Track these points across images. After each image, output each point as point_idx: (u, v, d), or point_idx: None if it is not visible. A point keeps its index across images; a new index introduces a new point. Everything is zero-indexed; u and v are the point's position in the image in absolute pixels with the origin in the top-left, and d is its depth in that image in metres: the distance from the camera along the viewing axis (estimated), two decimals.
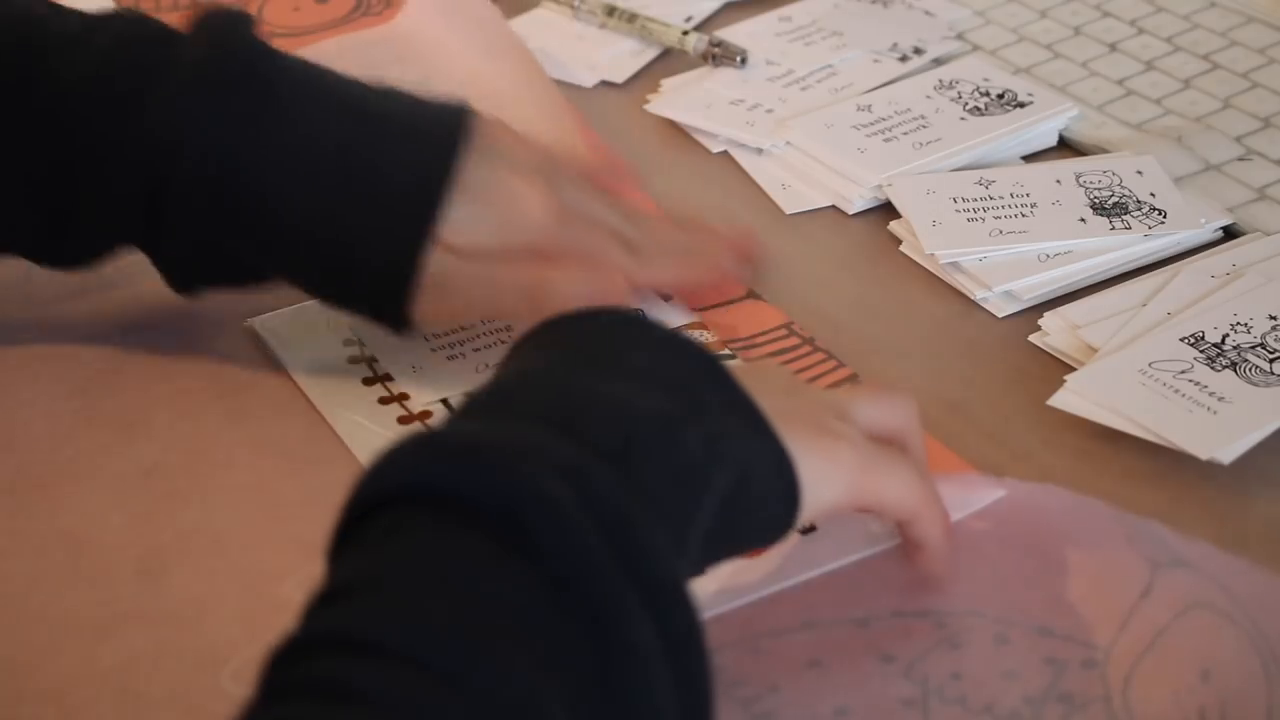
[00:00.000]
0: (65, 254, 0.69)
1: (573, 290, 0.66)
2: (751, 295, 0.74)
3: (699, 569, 0.51)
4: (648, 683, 0.44)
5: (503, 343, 0.71)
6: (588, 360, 0.52)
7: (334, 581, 0.45)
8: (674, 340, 0.53)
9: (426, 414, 0.68)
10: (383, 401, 0.69)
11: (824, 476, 0.53)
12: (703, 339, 0.71)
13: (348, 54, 0.85)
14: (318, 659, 0.42)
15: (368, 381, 0.70)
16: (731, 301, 0.73)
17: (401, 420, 0.67)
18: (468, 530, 0.44)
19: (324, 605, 0.44)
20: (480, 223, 0.65)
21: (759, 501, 0.52)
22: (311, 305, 0.73)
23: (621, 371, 0.51)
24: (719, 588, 0.57)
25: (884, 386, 0.63)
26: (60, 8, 0.69)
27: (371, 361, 0.70)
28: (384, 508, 0.46)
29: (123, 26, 0.67)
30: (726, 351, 0.71)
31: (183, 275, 0.68)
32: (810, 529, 0.61)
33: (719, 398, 0.52)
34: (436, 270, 0.65)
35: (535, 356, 0.53)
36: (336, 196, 0.65)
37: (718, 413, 0.51)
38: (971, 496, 0.61)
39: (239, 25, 0.67)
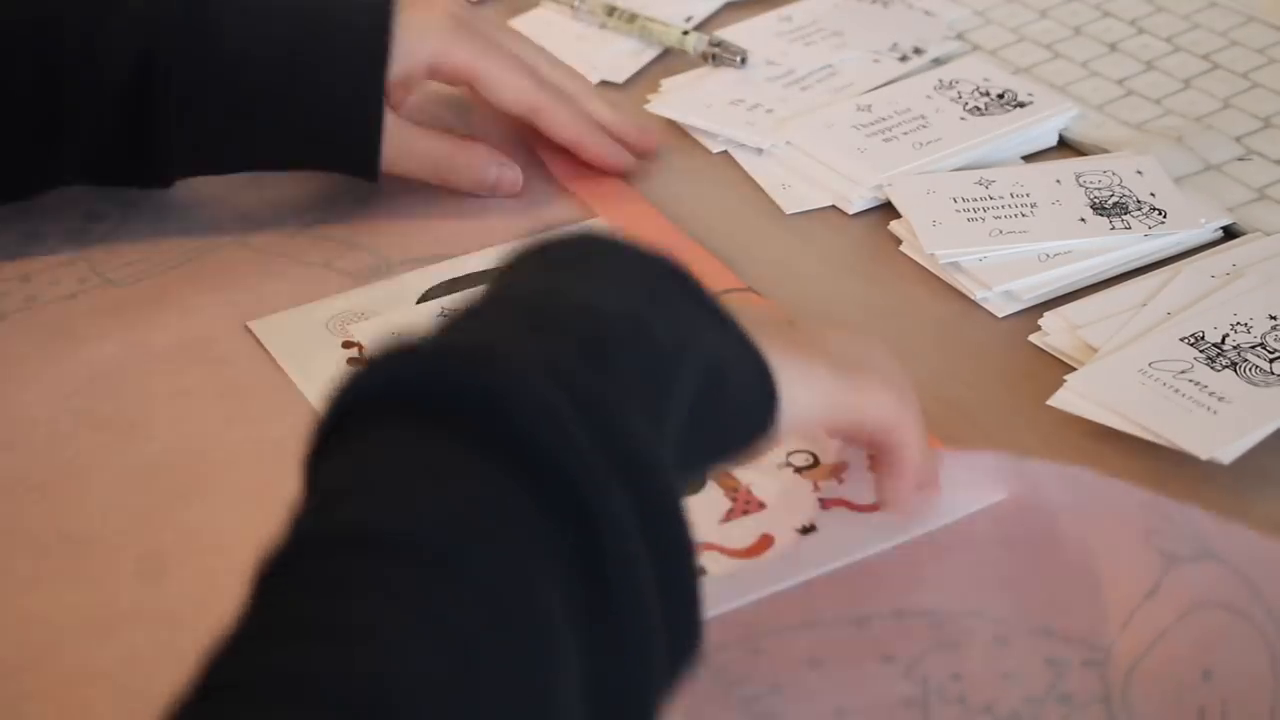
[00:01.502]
0: (55, 163, 0.75)
1: (476, 171, 0.80)
2: (750, 292, 0.74)
3: (687, 465, 0.50)
4: (628, 559, 0.43)
5: None
6: (559, 265, 0.52)
7: (319, 490, 0.45)
8: (646, 250, 0.53)
9: None
10: None
11: (803, 388, 0.54)
12: None
13: None
14: (313, 561, 0.42)
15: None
16: (728, 291, 0.73)
17: None
18: (448, 430, 0.44)
19: (311, 512, 0.44)
20: (405, 49, 0.76)
21: (735, 399, 0.52)
22: (310, 307, 0.73)
23: (593, 275, 0.51)
24: (720, 587, 0.57)
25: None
26: None
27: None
28: (363, 413, 0.46)
29: None
30: None
31: (166, 159, 0.76)
32: (810, 528, 0.61)
33: (691, 300, 0.52)
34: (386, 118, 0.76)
35: (508, 273, 0.53)
36: (300, 45, 0.75)
37: (690, 312, 0.51)
38: (975, 496, 0.61)
39: None
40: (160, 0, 0.74)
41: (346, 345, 0.71)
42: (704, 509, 0.62)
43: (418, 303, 0.75)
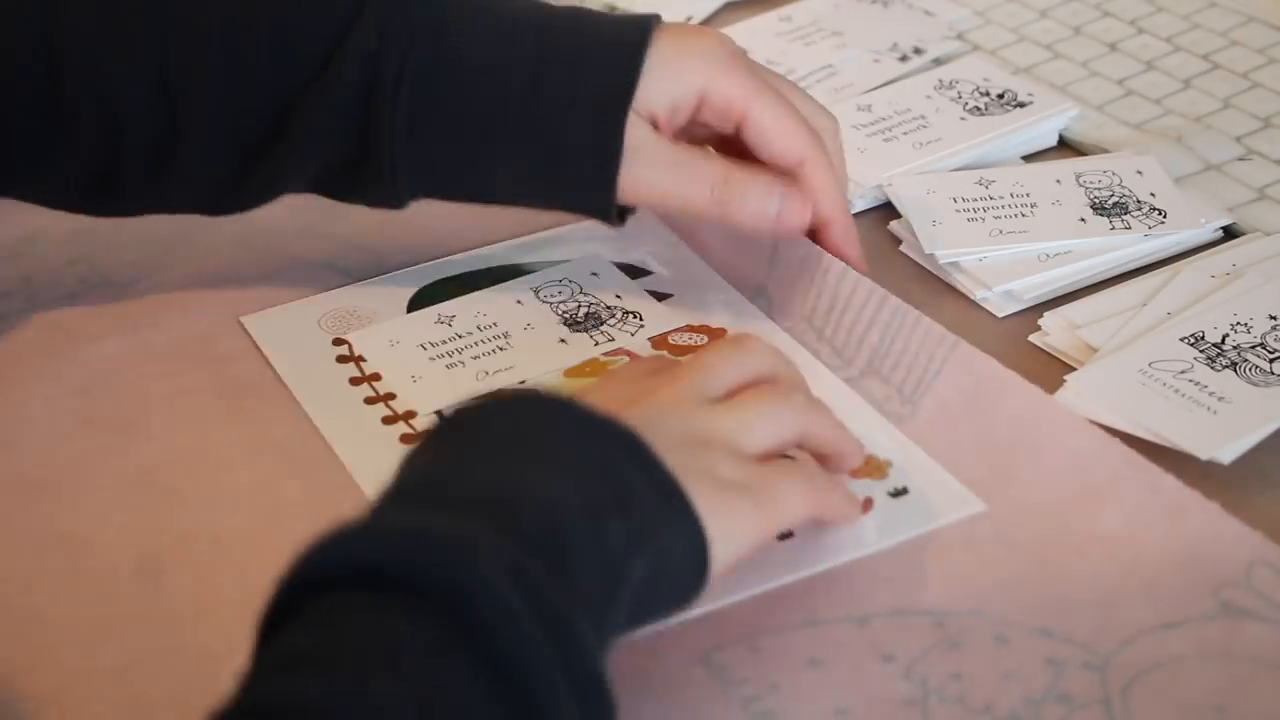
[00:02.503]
0: (266, 186, 0.70)
1: (759, 201, 0.68)
2: (755, 297, 0.74)
3: (617, 638, 0.52)
4: None
5: (501, 350, 0.71)
6: (515, 446, 0.52)
7: (279, 652, 0.45)
8: (595, 422, 0.53)
9: (411, 414, 0.68)
10: (369, 402, 0.69)
11: (729, 535, 0.54)
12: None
13: None
14: None
15: (355, 381, 0.70)
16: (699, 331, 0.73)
17: (386, 421, 0.67)
18: (415, 615, 0.45)
19: (270, 675, 0.44)
20: (666, 77, 0.67)
21: (672, 580, 0.53)
22: (303, 303, 0.73)
23: (548, 460, 0.52)
24: (717, 586, 0.57)
25: (772, 398, 0.59)
26: None
27: (360, 361, 0.71)
28: (325, 588, 0.46)
29: None
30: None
31: (393, 186, 0.70)
32: (787, 535, 0.60)
33: (641, 478, 0.53)
34: (633, 139, 0.67)
35: (463, 441, 0.54)
36: (538, 74, 0.67)
37: (640, 494, 0.52)
38: (952, 508, 0.61)
39: None
40: (396, 19, 0.67)
41: (336, 343, 0.71)
42: None
43: (410, 301, 0.75)
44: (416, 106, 0.67)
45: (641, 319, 0.72)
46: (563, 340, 0.72)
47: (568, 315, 0.73)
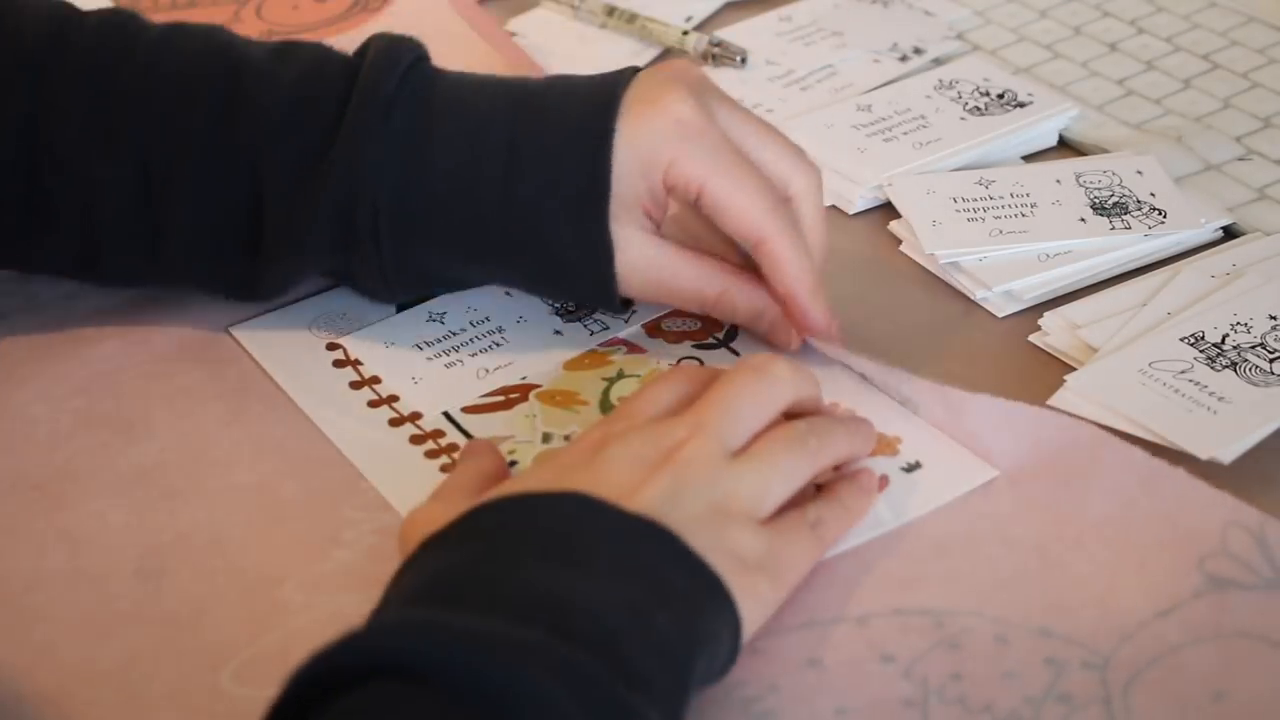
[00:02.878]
0: (250, 284, 0.70)
1: (748, 303, 0.68)
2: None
3: None
4: None
5: (497, 345, 0.71)
6: (555, 556, 0.52)
7: None
8: (629, 527, 0.54)
9: (418, 415, 0.68)
10: (373, 405, 0.68)
11: (752, 615, 0.55)
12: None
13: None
14: None
15: (355, 385, 0.70)
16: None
17: (393, 423, 0.67)
18: (457, 718, 0.45)
19: None
20: (629, 170, 0.65)
21: (713, 658, 0.54)
22: (291, 309, 0.73)
23: (589, 567, 0.52)
24: None
25: (788, 451, 0.59)
26: (247, 40, 0.70)
27: (357, 365, 0.70)
28: (357, 680, 0.46)
29: (304, 57, 0.68)
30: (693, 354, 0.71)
31: (381, 290, 0.70)
32: None
33: (680, 573, 0.53)
34: (619, 240, 0.66)
35: (501, 539, 0.53)
36: (513, 186, 0.66)
37: (680, 587, 0.53)
38: (965, 478, 0.62)
39: (409, 51, 0.68)
40: (356, 160, 0.66)
41: (330, 348, 0.71)
42: None
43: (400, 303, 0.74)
44: (398, 225, 0.66)
45: (634, 304, 0.72)
46: (557, 331, 0.72)
47: (558, 305, 0.73)
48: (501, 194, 0.66)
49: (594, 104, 0.66)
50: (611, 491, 0.54)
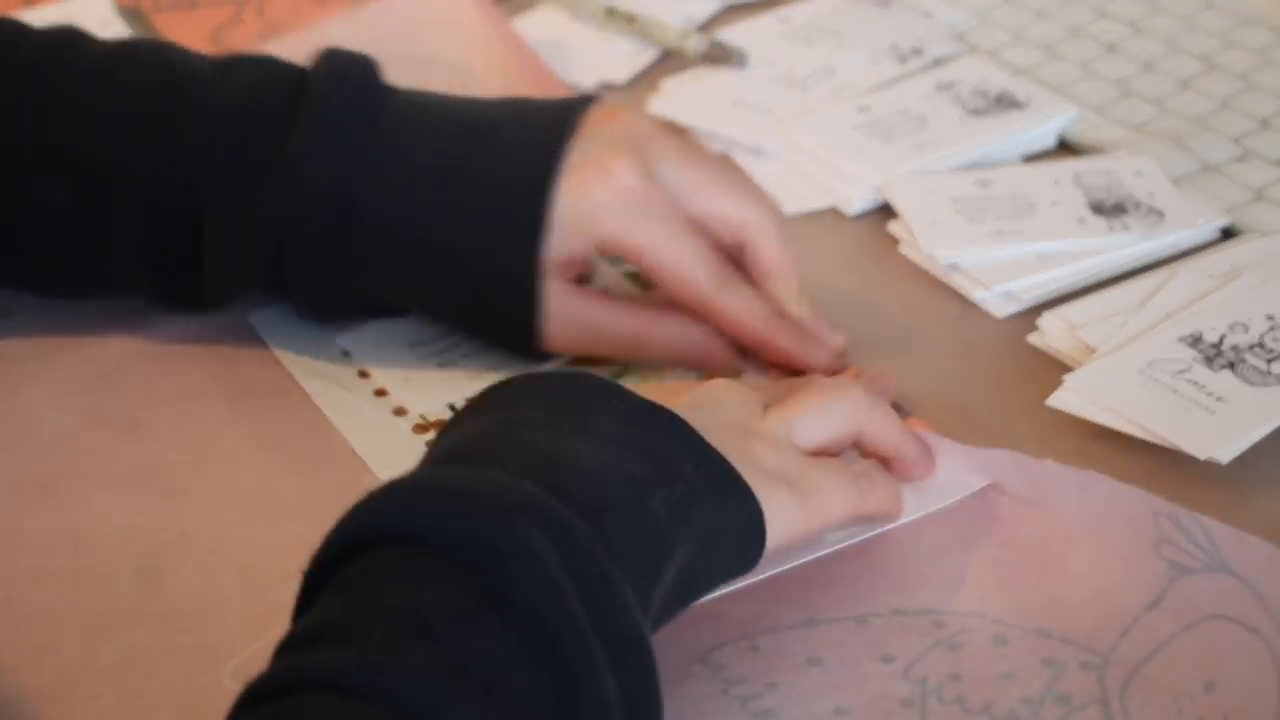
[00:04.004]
0: (193, 297, 0.70)
1: (668, 347, 0.68)
2: None
3: (662, 620, 0.53)
4: None
5: (489, 347, 0.71)
6: (564, 420, 0.53)
7: (314, 622, 0.46)
8: (643, 406, 0.54)
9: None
10: (379, 394, 0.69)
11: (773, 520, 0.55)
12: None
13: (349, 34, 0.84)
14: (300, 699, 0.42)
15: (364, 375, 0.70)
16: None
17: (397, 413, 0.68)
18: (450, 577, 0.46)
19: (305, 647, 0.45)
20: (566, 229, 0.65)
21: (726, 551, 0.54)
22: None
23: (596, 436, 0.52)
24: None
25: (825, 394, 0.60)
26: (195, 54, 0.70)
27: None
28: (363, 549, 0.47)
29: (250, 72, 0.68)
30: None
31: (313, 310, 0.70)
32: None
33: (685, 456, 0.53)
34: (551, 294, 0.66)
35: (514, 408, 0.54)
36: (451, 222, 0.66)
37: (684, 470, 0.53)
38: (964, 481, 0.62)
39: (359, 69, 0.68)
40: (298, 179, 0.66)
41: (344, 352, 0.72)
42: None
43: None
44: (335, 246, 0.66)
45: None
46: None
47: None
48: (440, 225, 0.66)
49: (541, 148, 0.66)
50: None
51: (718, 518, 0.53)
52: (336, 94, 0.67)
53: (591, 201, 0.65)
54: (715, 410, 0.57)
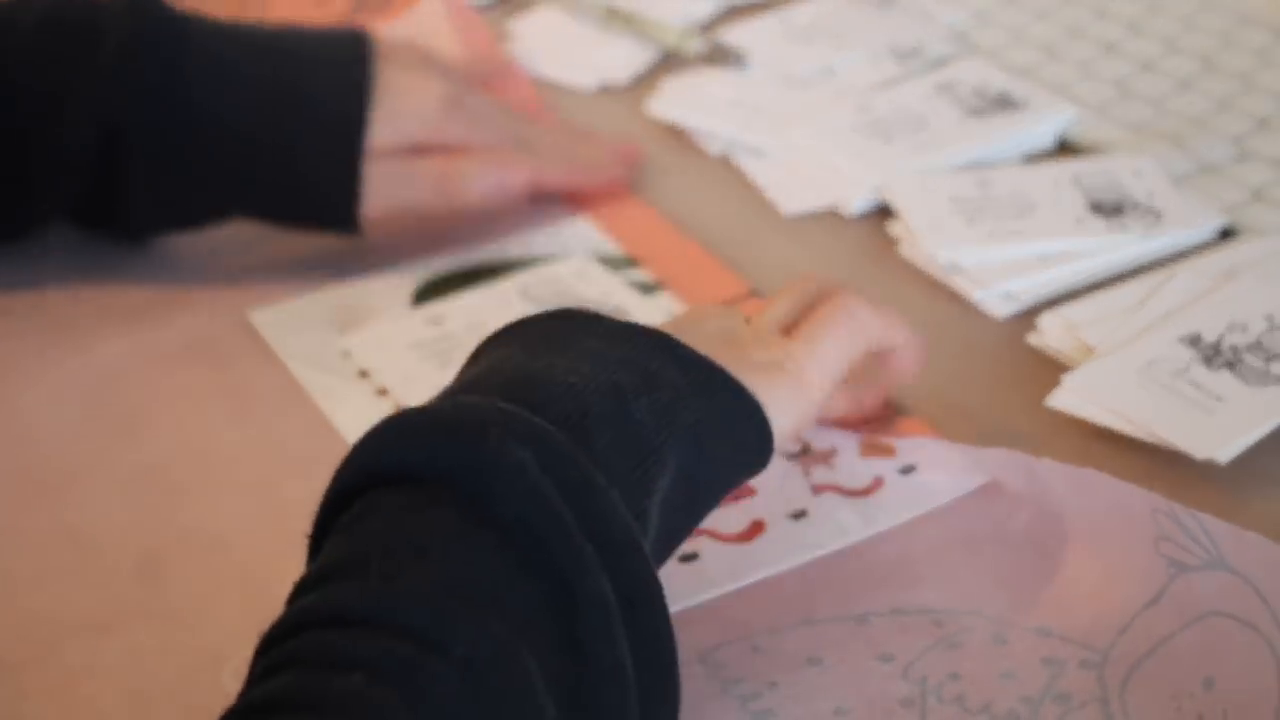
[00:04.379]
0: (15, 226, 0.74)
1: (480, 178, 0.76)
2: (754, 295, 0.74)
3: (677, 534, 0.53)
4: (610, 635, 0.46)
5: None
6: (542, 346, 0.54)
7: (318, 567, 0.47)
8: (627, 326, 0.55)
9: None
10: (379, 394, 0.69)
11: (774, 407, 0.56)
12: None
13: None
14: (308, 636, 0.43)
15: (364, 375, 0.70)
16: (733, 301, 0.74)
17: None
18: (438, 502, 0.46)
19: (309, 589, 0.46)
20: (391, 121, 0.74)
21: (725, 455, 0.55)
22: (309, 299, 0.74)
23: (577, 354, 0.53)
24: (713, 572, 0.58)
25: (788, 286, 0.64)
26: None
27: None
28: (359, 491, 0.48)
29: (45, 6, 0.73)
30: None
31: (138, 221, 0.74)
32: (801, 514, 0.61)
33: (670, 363, 0.54)
34: (370, 175, 0.74)
35: (495, 353, 0.55)
36: (275, 126, 0.73)
37: (668, 376, 0.53)
38: (966, 479, 0.62)
39: None
40: (128, 71, 0.72)
41: (344, 352, 0.72)
42: None
43: (415, 295, 0.75)
44: (151, 159, 0.72)
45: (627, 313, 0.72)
46: None
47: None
48: (256, 130, 0.73)
49: (344, 55, 0.74)
50: None
51: (710, 419, 0.54)
52: (138, 14, 0.72)
53: (413, 104, 0.75)
54: (700, 324, 0.58)
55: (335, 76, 0.74)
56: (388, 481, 0.48)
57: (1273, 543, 0.56)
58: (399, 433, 0.49)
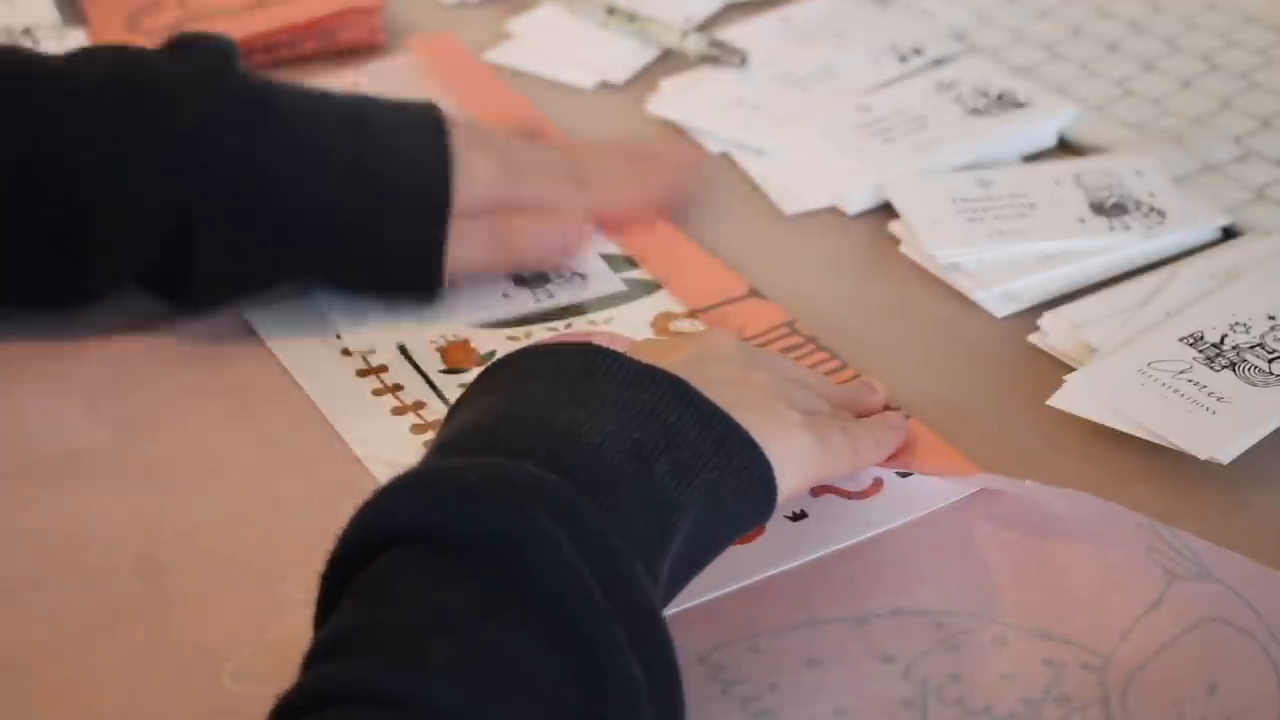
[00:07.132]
0: (81, 294, 0.71)
1: (537, 235, 0.74)
2: (754, 294, 0.74)
3: (675, 587, 0.53)
4: (637, 716, 0.45)
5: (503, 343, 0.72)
6: (565, 392, 0.53)
7: (338, 630, 0.46)
8: (642, 370, 0.54)
9: (421, 404, 0.68)
10: (376, 394, 0.69)
11: (789, 459, 0.56)
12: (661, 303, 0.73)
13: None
14: (334, 713, 0.42)
15: (361, 374, 0.70)
16: (733, 300, 0.74)
17: (395, 412, 0.68)
18: (465, 572, 0.46)
19: (330, 658, 0.45)
20: (469, 188, 0.72)
21: (732, 511, 0.54)
22: (309, 299, 0.74)
23: (597, 404, 0.52)
24: (713, 572, 0.57)
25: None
26: (35, 52, 0.72)
27: (366, 354, 0.71)
28: (377, 548, 0.47)
29: (109, 57, 0.70)
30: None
31: (205, 294, 0.71)
32: (801, 515, 0.61)
33: (688, 416, 0.53)
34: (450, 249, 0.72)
35: (513, 388, 0.54)
36: (355, 202, 0.70)
37: (687, 431, 0.53)
38: (959, 483, 0.62)
39: (220, 49, 0.71)
40: (199, 145, 0.68)
41: (340, 337, 0.72)
42: None
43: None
44: (222, 235, 0.69)
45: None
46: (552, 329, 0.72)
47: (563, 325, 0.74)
48: (336, 207, 0.70)
49: (427, 130, 0.72)
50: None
51: (724, 477, 0.53)
52: (229, 71, 0.70)
53: (484, 173, 0.73)
54: (715, 364, 0.58)
55: (417, 147, 0.72)
56: (410, 539, 0.46)
57: (1249, 560, 0.57)
58: (427, 490, 0.47)
